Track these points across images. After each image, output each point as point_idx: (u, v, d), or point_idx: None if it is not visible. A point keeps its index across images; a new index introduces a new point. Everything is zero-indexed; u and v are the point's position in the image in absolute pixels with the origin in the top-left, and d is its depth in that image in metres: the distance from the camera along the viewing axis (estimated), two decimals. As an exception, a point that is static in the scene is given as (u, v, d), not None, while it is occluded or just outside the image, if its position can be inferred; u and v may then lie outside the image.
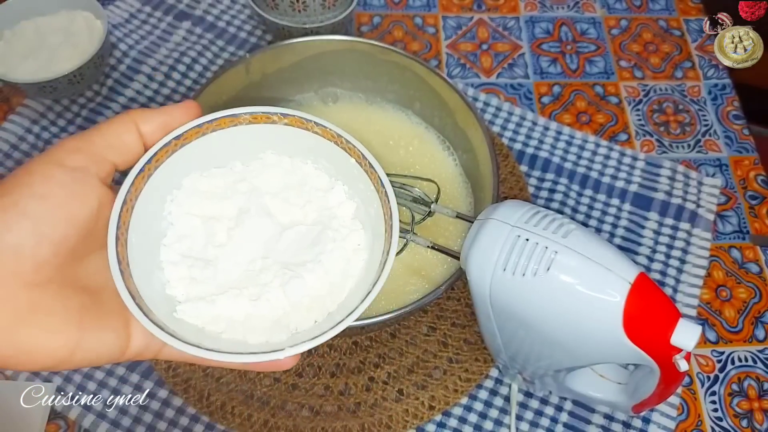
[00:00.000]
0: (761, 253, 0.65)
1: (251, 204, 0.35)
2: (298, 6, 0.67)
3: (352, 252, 0.35)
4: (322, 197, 0.36)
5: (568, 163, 0.68)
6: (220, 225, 0.35)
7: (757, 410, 0.57)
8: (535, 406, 0.56)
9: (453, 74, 0.75)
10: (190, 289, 0.33)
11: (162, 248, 0.34)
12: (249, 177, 0.36)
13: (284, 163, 0.37)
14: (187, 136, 0.34)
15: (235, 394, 0.54)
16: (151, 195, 0.33)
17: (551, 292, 0.40)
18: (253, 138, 0.36)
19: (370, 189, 0.35)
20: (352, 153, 0.36)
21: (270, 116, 0.35)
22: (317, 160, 0.37)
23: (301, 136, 0.36)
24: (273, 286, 0.32)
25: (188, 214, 0.35)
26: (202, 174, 0.36)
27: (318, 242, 0.35)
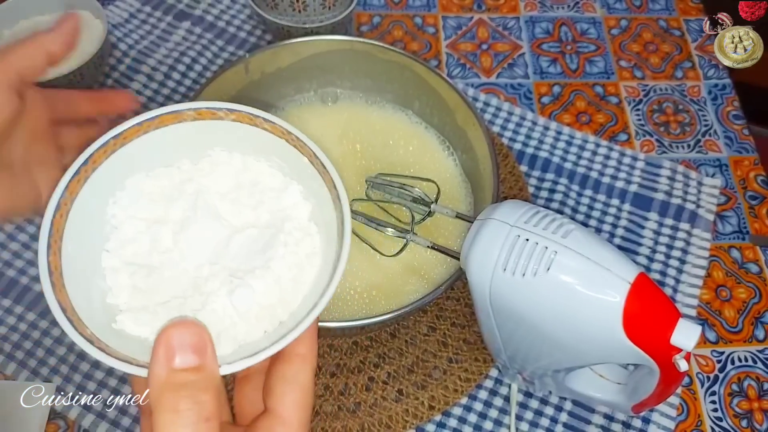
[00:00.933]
0: (761, 253, 0.65)
1: (199, 206, 0.33)
2: (297, 6, 0.67)
3: (305, 257, 0.33)
4: (275, 198, 0.34)
5: (568, 163, 0.68)
6: (166, 229, 0.33)
7: (757, 410, 0.57)
8: (535, 406, 0.56)
9: (453, 74, 0.74)
10: (132, 298, 0.31)
11: (104, 254, 0.32)
12: (197, 176, 0.34)
13: (235, 160, 0.35)
14: (126, 135, 0.32)
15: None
16: (91, 198, 0.31)
17: (551, 292, 0.40)
18: (200, 135, 0.34)
19: (323, 189, 0.33)
20: (304, 151, 0.33)
21: (215, 112, 0.33)
22: (270, 159, 0.35)
23: (251, 133, 0.34)
24: (219, 295, 0.30)
25: (132, 217, 0.33)
26: (147, 174, 0.34)
27: (269, 247, 0.32)
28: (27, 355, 0.55)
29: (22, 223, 0.61)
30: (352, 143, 0.62)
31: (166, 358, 0.25)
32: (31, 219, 0.61)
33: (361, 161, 0.61)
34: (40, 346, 0.56)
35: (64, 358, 0.55)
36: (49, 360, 0.55)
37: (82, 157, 0.31)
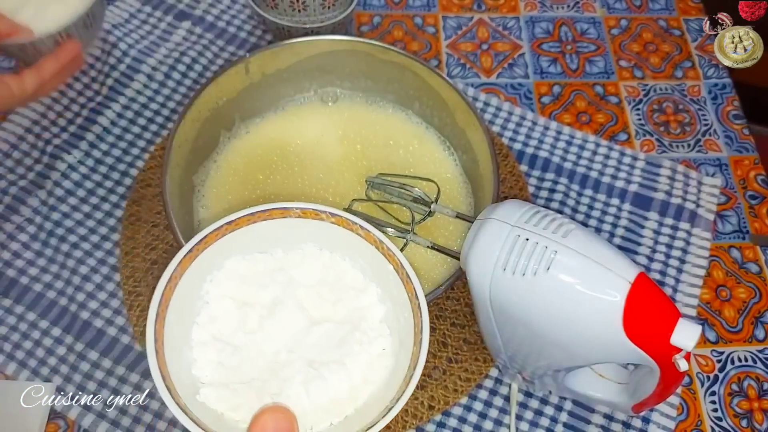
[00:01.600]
0: (761, 253, 0.65)
1: (286, 295, 0.37)
2: (298, 6, 0.67)
3: (376, 357, 0.36)
4: (354, 297, 0.38)
5: (568, 162, 0.68)
6: (253, 312, 0.36)
7: (757, 410, 0.57)
8: (535, 406, 0.56)
9: (453, 74, 0.74)
10: (215, 373, 0.34)
11: (194, 326, 0.35)
12: (288, 266, 0.38)
13: (323, 256, 0.38)
14: (238, 223, 0.36)
15: (235, 394, 0.54)
16: (194, 274, 0.35)
17: (551, 291, 0.40)
18: (298, 229, 0.37)
19: (403, 297, 0.36)
20: (391, 260, 0.37)
21: (318, 213, 0.37)
22: (355, 259, 0.38)
23: (344, 236, 0.37)
24: (295, 383, 0.33)
25: (224, 296, 0.36)
26: (243, 257, 0.37)
27: (344, 343, 0.36)
28: (27, 355, 0.55)
29: (22, 223, 0.61)
30: (353, 143, 0.62)
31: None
32: (31, 219, 0.61)
33: (361, 161, 0.61)
34: (40, 346, 0.56)
35: (64, 358, 0.55)
36: (49, 360, 0.55)
37: (197, 236, 0.35)
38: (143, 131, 0.67)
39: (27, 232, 0.61)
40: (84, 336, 0.56)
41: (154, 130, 0.67)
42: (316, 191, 0.59)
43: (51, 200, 0.62)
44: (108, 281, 0.59)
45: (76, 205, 0.62)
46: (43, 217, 0.61)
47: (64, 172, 0.64)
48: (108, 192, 0.63)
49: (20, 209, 0.62)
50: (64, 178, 0.63)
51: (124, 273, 0.59)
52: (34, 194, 0.62)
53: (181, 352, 0.34)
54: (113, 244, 0.61)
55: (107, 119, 0.67)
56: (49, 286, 0.58)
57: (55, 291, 0.58)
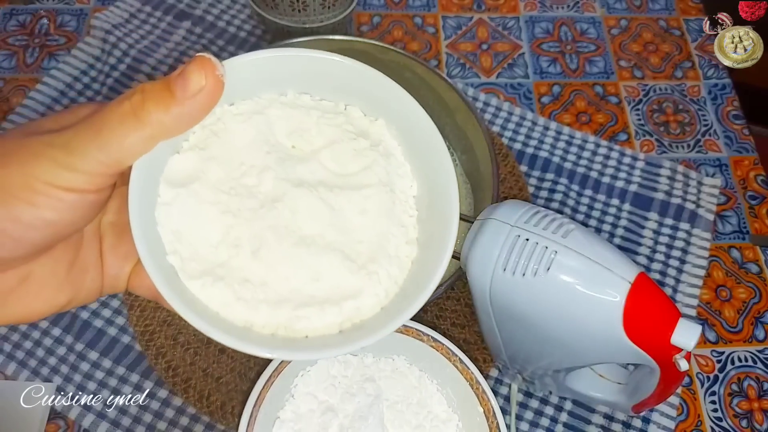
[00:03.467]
0: (761, 253, 0.65)
1: (371, 410, 0.36)
2: (297, 6, 0.67)
3: None
4: (435, 426, 0.37)
5: (567, 163, 0.68)
6: (336, 420, 0.35)
7: (757, 410, 0.57)
8: (535, 406, 0.56)
9: (453, 74, 0.74)
10: None
11: (277, 422, 0.35)
12: (377, 376, 0.37)
13: (413, 374, 0.38)
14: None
15: (235, 394, 0.54)
16: (288, 372, 0.35)
17: (551, 292, 0.40)
18: (395, 341, 0.37)
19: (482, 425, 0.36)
20: (484, 404, 0.37)
21: (420, 335, 0.37)
22: (444, 386, 0.38)
23: (439, 360, 0.37)
24: None
25: (311, 395, 0.36)
26: (336, 359, 0.37)
27: None
28: (27, 355, 0.55)
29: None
30: (352, 143, 0.62)
31: None
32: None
33: (361, 161, 0.61)
34: (40, 346, 0.56)
35: (64, 358, 0.55)
36: (49, 360, 0.55)
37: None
38: (143, 131, 0.67)
39: (27, 232, 0.61)
40: (84, 336, 0.56)
41: (154, 130, 0.67)
42: (316, 191, 0.59)
43: (51, 200, 0.62)
44: (108, 281, 0.59)
45: (76, 205, 0.62)
46: (43, 217, 0.61)
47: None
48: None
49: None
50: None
51: (124, 273, 0.59)
52: (34, 194, 0.62)
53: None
54: (113, 244, 0.60)
55: (107, 119, 0.67)
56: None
57: (55, 291, 0.58)
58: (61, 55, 0.72)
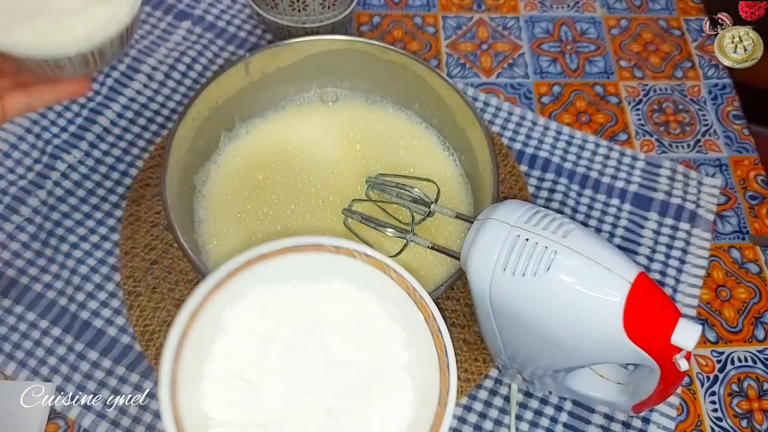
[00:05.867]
0: (761, 253, 0.65)
1: (309, 333, 0.35)
2: (297, 5, 0.67)
3: (395, 408, 0.34)
4: (378, 340, 0.36)
5: (567, 163, 0.68)
6: (273, 348, 0.35)
7: (757, 410, 0.57)
8: (535, 406, 0.56)
9: (453, 74, 0.74)
10: (228, 411, 0.33)
11: (209, 358, 0.34)
12: (314, 300, 0.36)
13: (351, 293, 0.37)
14: (269, 255, 0.35)
15: (235, 394, 0.54)
16: (216, 303, 0.34)
17: (551, 292, 0.40)
18: (328, 264, 0.36)
19: (431, 350, 0.35)
20: (423, 309, 0.36)
21: (354, 253, 0.36)
22: (383, 300, 0.37)
23: (376, 277, 0.36)
24: (310, 430, 0.32)
25: (245, 327, 0.35)
26: (268, 287, 0.36)
27: (364, 390, 0.34)
28: (27, 355, 0.55)
29: (22, 223, 0.61)
30: (352, 143, 0.62)
31: None
32: (31, 219, 0.61)
33: (361, 161, 0.61)
34: (40, 346, 0.56)
35: (64, 358, 0.55)
36: (49, 360, 0.55)
37: (225, 268, 0.33)
38: (143, 131, 0.67)
39: (27, 232, 0.61)
40: (84, 336, 0.56)
41: (154, 130, 0.67)
42: (316, 191, 0.59)
43: (51, 200, 0.62)
44: (108, 281, 0.59)
45: (76, 205, 0.62)
46: (43, 217, 0.61)
47: (64, 172, 0.64)
48: (107, 192, 0.63)
49: (20, 209, 0.62)
50: (64, 178, 0.63)
51: (123, 273, 0.59)
52: (34, 194, 0.62)
53: (194, 386, 0.33)
54: (113, 244, 0.61)
55: (107, 119, 0.67)
56: (49, 286, 0.58)
57: (55, 291, 0.58)
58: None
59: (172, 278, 0.59)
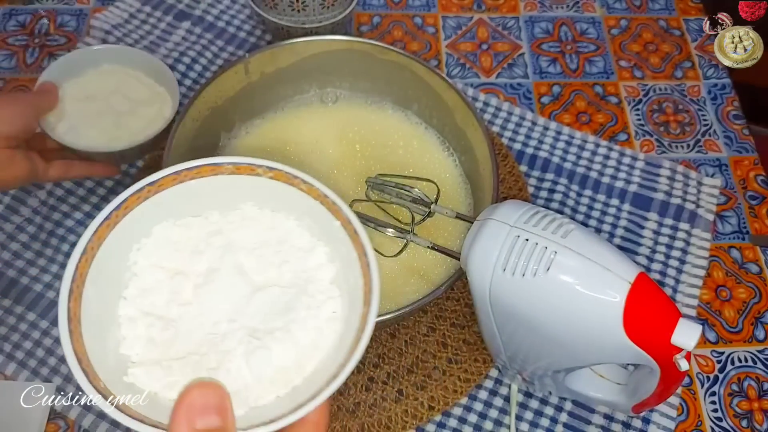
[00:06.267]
0: (761, 253, 0.65)
1: (224, 261, 0.33)
2: (297, 6, 0.67)
3: (325, 321, 0.33)
4: (300, 258, 0.34)
5: (567, 163, 0.68)
6: (188, 281, 0.32)
7: (757, 410, 0.57)
8: (535, 407, 0.56)
9: (452, 74, 0.74)
10: (146, 350, 0.31)
11: (121, 301, 0.32)
12: (226, 230, 0.34)
13: (265, 217, 0.35)
14: (162, 183, 0.32)
15: (235, 394, 0.54)
16: (117, 243, 0.31)
17: (551, 292, 0.40)
18: (234, 188, 0.34)
19: (352, 255, 0.33)
20: (337, 215, 0.33)
21: (254, 168, 0.33)
22: (300, 217, 0.35)
23: (286, 192, 0.34)
24: (236, 355, 0.30)
25: (154, 265, 0.33)
26: (175, 222, 0.34)
27: (291, 308, 0.32)
28: (27, 355, 0.55)
29: (22, 223, 0.61)
30: (352, 143, 0.62)
31: (188, 419, 0.25)
32: (31, 219, 0.61)
33: (360, 161, 0.61)
34: (40, 346, 0.56)
35: (64, 358, 0.55)
36: (49, 360, 0.55)
37: (115, 201, 0.31)
38: (143, 131, 0.67)
39: (27, 232, 0.61)
40: (84, 336, 0.56)
41: (154, 130, 0.67)
42: (316, 191, 0.59)
43: (51, 200, 0.62)
44: (108, 281, 0.59)
45: (76, 205, 0.62)
46: (43, 217, 0.61)
47: (64, 172, 0.64)
48: (108, 192, 0.63)
49: (20, 209, 0.62)
50: (64, 179, 0.63)
51: (123, 273, 0.59)
52: (34, 194, 0.62)
53: (106, 330, 0.31)
54: (113, 244, 0.60)
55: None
56: (49, 286, 0.58)
57: (55, 291, 0.58)
58: (61, 55, 0.72)
59: (171, 278, 0.59)
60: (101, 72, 0.61)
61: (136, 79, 0.62)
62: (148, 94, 0.62)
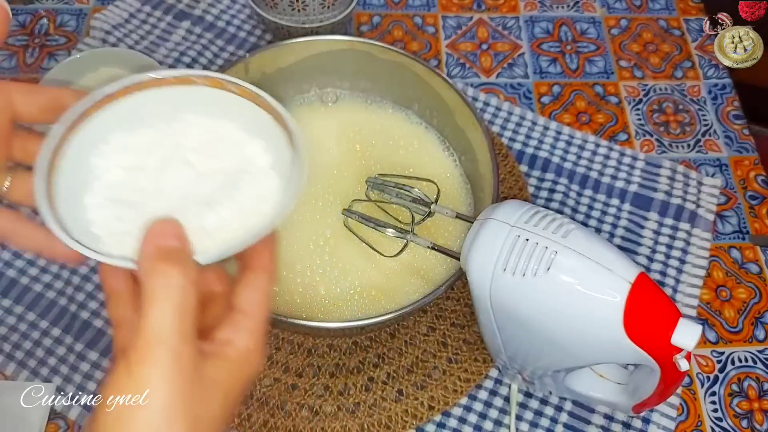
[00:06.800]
0: (761, 253, 0.65)
1: (173, 157, 0.38)
2: (297, 5, 0.67)
3: (266, 191, 0.38)
4: (240, 151, 0.39)
5: (567, 163, 0.68)
6: (143, 174, 0.37)
7: (757, 410, 0.57)
8: (535, 406, 0.56)
9: (453, 74, 0.74)
10: (113, 226, 0.35)
11: (87, 194, 0.36)
12: (172, 134, 0.39)
13: (205, 122, 0.40)
14: (116, 95, 0.37)
15: (235, 394, 0.54)
16: (78, 149, 0.36)
17: (551, 292, 0.40)
18: (176, 99, 0.39)
19: (285, 145, 0.38)
20: (270, 111, 0.38)
21: (191, 78, 0.38)
22: (237, 120, 0.40)
23: (221, 98, 0.39)
24: (191, 220, 0.35)
25: (115, 166, 0.38)
26: (128, 130, 0.38)
27: (234, 186, 0.38)
28: (27, 355, 0.55)
29: (22, 223, 0.61)
30: (352, 143, 0.62)
31: (153, 240, 0.30)
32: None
33: (360, 161, 0.61)
34: (40, 346, 0.56)
35: (64, 358, 0.55)
36: (49, 360, 0.55)
37: (78, 108, 0.36)
38: (143, 131, 0.67)
39: (27, 232, 0.61)
40: (84, 336, 0.56)
41: (154, 130, 0.67)
42: (316, 191, 0.59)
43: (51, 200, 0.62)
44: (108, 281, 0.59)
45: (75, 205, 0.62)
46: (42, 217, 0.61)
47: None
48: (108, 192, 0.63)
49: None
50: (64, 178, 0.63)
51: (123, 273, 0.59)
52: (34, 194, 0.62)
53: (76, 214, 0.35)
54: (113, 244, 0.60)
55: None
56: (49, 286, 0.58)
57: (55, 291, 0.58)
58: (61, 55, 0.72)
59: (172, 278, 0.59)
60: (99, 75, 0.62)
61: None
62: None
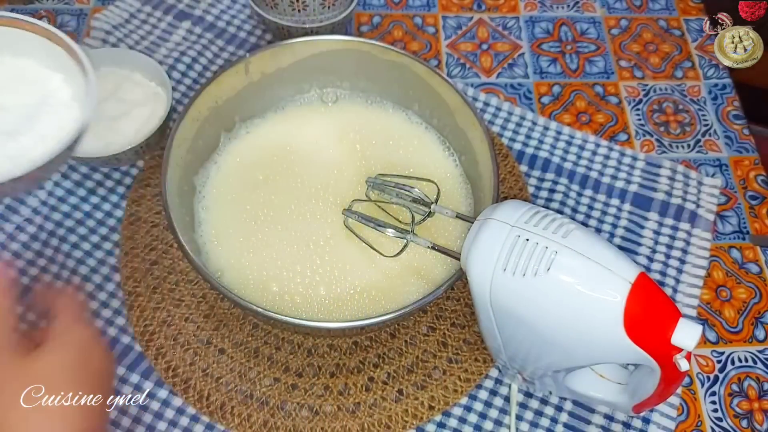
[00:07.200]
0: (761, 253, 0.65)
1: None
2: (297, 6, 0.67)
3: (66, 122, 0.39)
4: (41, 86, 0.41)
5: (567, 163, 0.68)
6: None
7: (757, 410, 0.57)
8: (535, 406, 0.56)
9: (453, 74, 0.74)
10: None
11: None
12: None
13: (6, 60, 0.41)
14: None
15: (235, 394, 0.54)
16: None
17: (551, 292, 0.40)
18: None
19: (81, 76, 0.40)
20: (63, 45, 0.40)
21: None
22: (36, 57, 0.41)
23: (18, 36, 0.40)
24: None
25: None
26: None
27: (36, 118, 0.39)
28: (27, 356, 0.55)
29: (22, 223, 0.61)
30: (352, 143, 0.62)
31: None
32: (31, 219, 0.61)
33: (361, 161, 0.61)
34: (40, 347, 0.56)
35: (64, 358, 0.55)
36: (49, 360, 0.55)
37: None
38: (143, 131, 0.67)
39: (27, 232, 0.61)
40: (84, 336, 0.56)
41: (154, 130, 0.67)
42: (316, 191, 0.59)
43: (51, 200, 0.62)
44: (108, 281, 0.59)
45: (76, 205, 0.62)
46: (43, 217, 0.61)
47: (65, 172, 0.64)
48: (108, 192, 0.63)
49: (20, 209, 0.62)
50: (64, 178, 0.63)
51: (123, 273, 0.59)
52: (34, 194, 0.62)
53: None
54: (113, 244, 0.61)
55: (107, 119, 0.67)
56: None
57: (55, 291, 0.58)
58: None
59: (172, 279, 0.59)
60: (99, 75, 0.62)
61: (131, 80, 0.64)
62: (142, 95, 0.63)
